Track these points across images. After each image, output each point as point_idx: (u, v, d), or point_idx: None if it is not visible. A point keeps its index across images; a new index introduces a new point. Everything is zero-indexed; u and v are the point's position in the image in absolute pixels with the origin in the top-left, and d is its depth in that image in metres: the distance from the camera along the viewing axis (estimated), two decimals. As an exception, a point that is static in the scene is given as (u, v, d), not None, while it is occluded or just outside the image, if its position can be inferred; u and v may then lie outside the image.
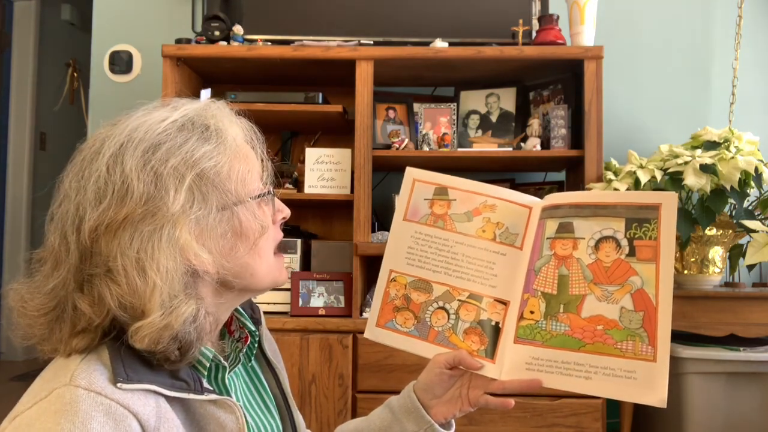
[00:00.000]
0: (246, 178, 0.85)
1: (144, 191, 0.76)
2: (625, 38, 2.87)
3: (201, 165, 0.80)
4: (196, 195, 0.79)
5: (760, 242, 2.06)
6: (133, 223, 0.76)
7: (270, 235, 0.88)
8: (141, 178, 0.77)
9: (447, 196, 1.06)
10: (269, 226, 0.88)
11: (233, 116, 0.90)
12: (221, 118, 0.87)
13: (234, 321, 0.95)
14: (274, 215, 0.90)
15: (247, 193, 0.85)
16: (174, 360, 0.77)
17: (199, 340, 0.79)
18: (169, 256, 0.76)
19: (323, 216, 2.81)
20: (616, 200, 0.96)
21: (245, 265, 0.85)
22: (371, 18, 2.58)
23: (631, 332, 0.90)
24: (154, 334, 0.74)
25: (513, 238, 1.01)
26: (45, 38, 4.87)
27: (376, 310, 1.06)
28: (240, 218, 0.83)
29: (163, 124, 0.82)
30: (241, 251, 0.84)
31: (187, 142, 0.81)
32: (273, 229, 0.90)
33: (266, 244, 0.88)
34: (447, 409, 1.01)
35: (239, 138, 0.88)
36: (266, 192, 0.88)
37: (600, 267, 0.94)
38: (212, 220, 0.80)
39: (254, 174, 0.87)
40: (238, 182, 0.84)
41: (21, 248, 4.70)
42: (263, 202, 0.87)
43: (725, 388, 2.17)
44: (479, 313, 1.00)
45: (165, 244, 0.76)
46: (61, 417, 0.69)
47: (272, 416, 0.97)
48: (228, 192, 0.82)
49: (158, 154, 0.79)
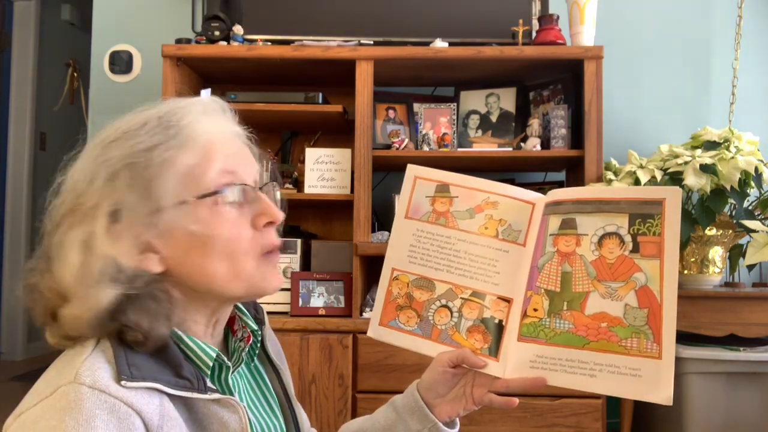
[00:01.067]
0: (197, 175, 0.80)
1: (81, 185, 0.79)
2: (625, 38, 2.88)
3: (135, 159, 0.79)
4: (127, 189, 0.78)
5: (760, 242, 2.07)
6: (68, 215, 0.79)
7: (238, 239, 0.82)
8: (85, 173, 0.80)
9: (449, 193, 1.05)
10: (221, 228, 0.81)
11: (218, 112, 0.87)
12: (195, 113, 0.84)
13: (237, 320, 0.95)
14: (255, 219, 0.84)
15: (193, 193, 0.80)
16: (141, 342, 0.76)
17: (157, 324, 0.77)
18: (78, 250, 0.77)
19: (323, 216, 2.81)
20: (619, 196, 0.95)
21: (200, 268, 0.81)
22: (371, 18, 2.58)
23: (635, 329, 0.89)
24: (75, 321, 0.76)
25: (516, 234, 1.00)
26: (45, 38, 4.87)
27: (378, 309, 1.05)
28: (176, 218, 0.79)
29: (134, 119, 0.83)
30: (195, 253, 0.80)
31: (138, 137, 0.80)
32: (252, 233, 0.84)
33: (229, 248, 0.81)
34: (451, 408, 1.01)
35: (210, 133, 0.83)
36: (213, 192, 0.80)
37: (603, 263, 0.93)
38: (137, 217, 0.78)
39: (212, 171, 0.81)
40: (184, 179, 0.80)
41: (21, 248, 4.70)
42: (224, 204, 0.81)
43: (725, 388, 2.17)
44: (482, 311, 0.99)
45: (80, 236, 0.78)
46: (66, 415, 0.69)
47: (275, 416, 0.96)
48: (169, 189, 0.79)
49: (108, 148, 0.80)
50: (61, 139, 4.97)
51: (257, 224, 0.84)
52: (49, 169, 4.73)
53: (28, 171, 4.75)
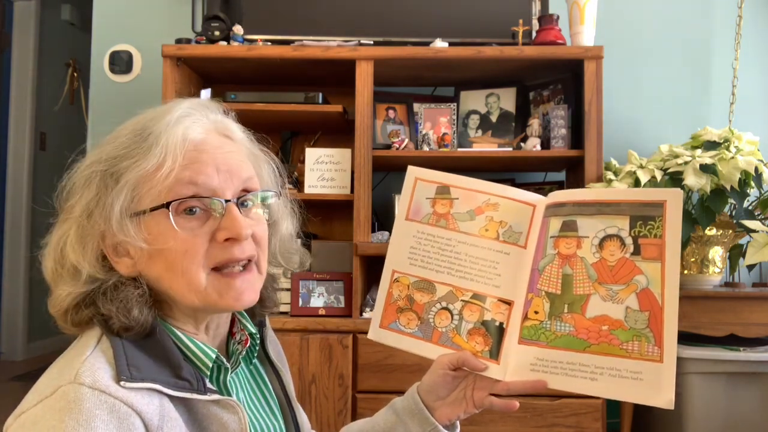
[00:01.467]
0: (153, 186, 0.79)
1: (68, 187, 0.84)
2: (625, 38, 2.87)
3: (106, 165, 0.81)
4: (92, 196, 0.81)
5: (760, 242, 2.07)
6: (59, 214, 0.85)
7: (193, 251, 0.80)
8: (74, 176, 0.84)
9: (449, 195, 1.04)
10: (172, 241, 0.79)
11: (201, 116, 0.85)
12: (173, 116, 0.82)
13: (236, 323, 0.95)
14: (217, 232, 0.81)
15: (147, 204, 0.79)
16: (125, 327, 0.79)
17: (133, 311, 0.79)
18: (51, 250, 0.83)
19: (323, 216, 2.81)
20: (620, 198, 0.94)
21: (158, 278, 0.81)
22: (371, 18, 2.58)
23: (636, 332, 0.89)
24: (51, 311, 0.83)
25: (516, 236, 0.99)
26: (45, 38, 4.86)
27: (379, 311, 1.05)
28: (131, 227, 0.79)
29: (130, 122, 0.85)
30: (153, 263, 0.81)
31: (116, 141, 0.83)
32: (208, 246, 0.81)
33: (181, 259, 0.79)
34: (451, 411, 1.00)
35: (176, 140, 0.80)
36: (165, 204, 0.79)
37: (604, 266, 0.92)
38: (103, 224, 0.80)
39: (168, 182, 0.79)
40: (140, 189, 0.79)
41: (21, 248, 4.69)
42: (180, 216, 0.80)
43: (725, 388, 2.17)
44: (483, 313, 0.98)
45: (56, 237, 0.83)
46: (66, 415, 0.69)
47: (275, 417, 0.96)
48: (122, 199, 0.79)
49: (95, 153, 0.84)
50: (61, 139, 4.97)
51: (217, 238, 0.81)
52: (49, 169, 4.77)
53: (28, 171, 4.74)
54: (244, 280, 0.84)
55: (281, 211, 0.95)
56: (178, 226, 0.79)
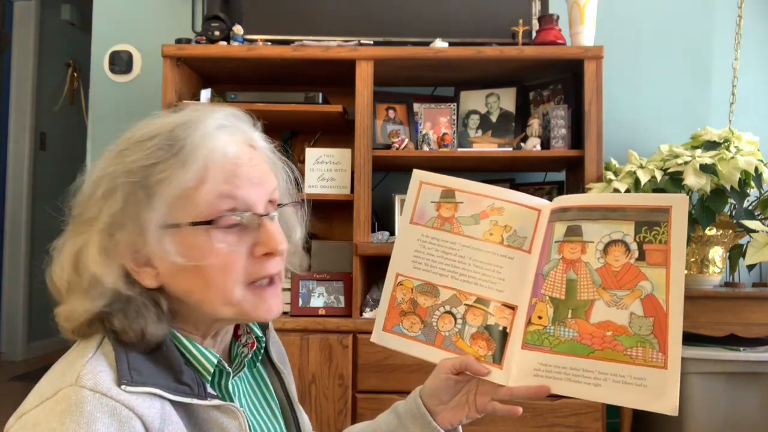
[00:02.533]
0: (192, 199, 0.78)
1: (85, 194, 0.81)
2: (625, 38, 2.87)
3: (133, 177, 0.77)
4: (119, 206, 0.78)
5: (760, 242, 2.07)
6: (72, 222, 0.82)
7: (232, 267, 0.80)
8: (91, 182, 0.81)
9: (454, 199, 1.04)
10: (213, 257, 0.78)
11: (234, 128, 0.84)
12: (203, 128, 0.80)
13: (242, 326, 0.95)
14: (254, 247, 0.81)
15: (186, 217, 0.78)
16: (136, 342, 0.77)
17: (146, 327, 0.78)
18: (67, 259, 0.80)
19: (323, 216, 2.81)
20: (625, 203, 0.93)
21: (188, 291, 0.80)
22: (371, 18, 2.58)
23: (641, 338, 0.88)
24: (61, 323, 0.80)
25: (521, 241, 0.99)
26: (45, 38, 4.85)
27: (382, 314, 1.04)
28: (167, 241, 0.78)
29: (144, 129, 0.81)
30: (185, 276, 0.79)
31: (142, 150, 0.79)
32: (246, 261, 0.81)
33: (221, 275, 0.79)
34: (453, 415, 1.00)
35: (216, 153, 0.79)
36: (207, 221, 0.78)
37: (609, 271, 0.92)
38: (131, 236, 0.78)
39: (210, 196, 0.78)
40: (178, 202, 0.77)
41: (21, 248, 4.69)
42: (219, 230, 0.79)
43: (725, 388, 2.17)
44: (486, 317, 0.98)
45: (70, 246, 0.80)
46: (67, 417, 0.69)
47: (277, 420, 0.96)
48: (157, 211, 0.77)
49: (117, 157, 0.80)
50: (61, 139, 4.97)
51: (255, 253, 0.81)
52: (49, 169, 4.76)
53: (28, 171, 4.73)
54: (273, 293, 0.84)
55: (295, 220, 0.95)
56: (218, 241, 0.78)
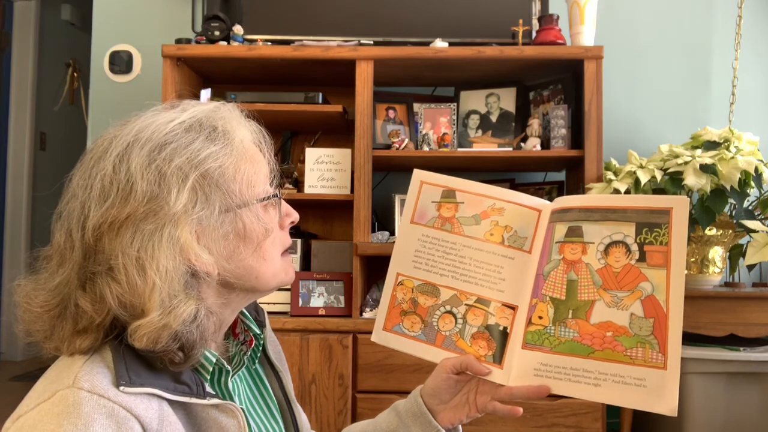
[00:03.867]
0: (252, 181, 0.85)
1: (147, 190, 0.77)
2: (625, 38, 2.87)
3: (205, 165, 0.80)
4: (199, 195, 0.79)
5: (760, 242, 2.07)
6: (135, 222, 0.76)
7: (276, 238, 0.88)
8: (145, 177, 0.77)
9: (455, 199, 1.04)
10: (274, 229, 0.87)
11: (242, 119, 0.90)
12: (230, 120, 0.87)
13: (239, 323, 0.95)
14: (282, 219, 0.90)
15: (253, 196, 0.84)
16: (178, 362, 0.76)
17: (202, 341, 0.78)
18: (168, 256, 0.76)
19: (323, 216, 2.81)
20: (626, 204, 0.94)
21: (249, 267, 0.84)
22: (371, 18, 2.58)
23: (641, 339, 0.88)
24: (152, 334, 0.74)
25: (522, 241, 0.99)
26: (45, 38, 4.85)
27: (383, 313, 1.05)
28: (244, 221, 0.83)
29: (171, 124, 0.82)
30: (245, 254, 0.83)
31: (193, 143, 0.81)
32: (280, 233, 0.90)
33: (272, 247, 0.87)
34: (454, 415, 1.00)
35: (247, 140, 0.87)
36: (272, 195, 0.87)
37: (610, 272, 0.92)
38: (215, 222, 0.80)
39: (261, 177, 0.87)
40: (244, 184, 0.84)
41: (21, 248, 4.69)
42: (269, 206, 0.87)
43: (725, 388, 2.17)
44: (487, 317, 0.98)
45: (165, 243, 0.76)
46: (64, 419, 0.69)
47: (275, 420, 0.96)
48: (232, 194, 0.82)
49: (163, 153, 0.79)
50: (61, 139, 4.97)
51: (283, 225, 0.91)
52: (49, 169, 4.76)
53: (28, 171, 4.73)
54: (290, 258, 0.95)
55: None
56: (272, 215, 0.88)
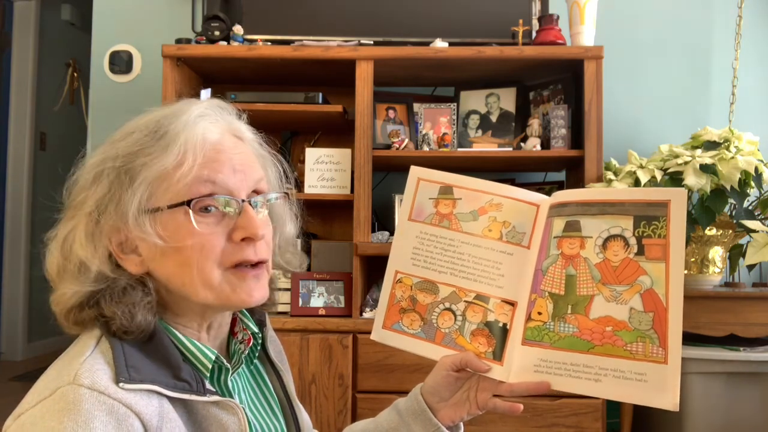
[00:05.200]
0: (173, 183, 0.80)
1: (74, 182, 0.84)
2: (625, 38, 2.87)
3: (118, 163, 0.81)
4: (109, 192, 0.80)
5: (760, 242, 2.07)
6: (66, 210, 0.84)
7: (210, 248, 0.81)
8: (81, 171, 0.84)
9: (452, 195, 1.03)
10: (190, 238, 0.80)
11: (216, 117, 0.86)
12: (189, 115, 0.83)
13: (238, 322, 0.95)
14: (233, 232, 0.82)
15: (166, 201, 0.80)
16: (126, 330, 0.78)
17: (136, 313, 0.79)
18: (57, 246, 0.83)
19: (323, 216, 2.81)
20: (624, 197, 0.93)
21: (171, 274, 0.81)
22: (371, 18, 2.58)
23: (641, 333, 0.88)
24: (53, 309, 0.82)
25: (520, 237, 0.99)
26: (45, 38, 4.86)
27: (382, 311, 1.04)
28: (148, 224, 0.79)
29: (137, 121, 0.85)
30: (168, 259, 0.81)
31: (129, 138, 0.83)
32: (225, 244, 0.82)
33: (196, 256, 0.80)
34: (454, 412, 1.00)
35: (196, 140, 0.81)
36: (183, 202, 0.79)
37: (608, 266, 0.91)
38: (116, 220, 0.80)
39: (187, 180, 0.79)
40: (158, 186, 0.80)
41: (21, 248, 4.70)
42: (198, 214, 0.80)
43: (725, 388, 2.17)
44: (486, 314, 0.98)
45: (61, 233, 0.83)
46: (65, 416, 0.69)
47: (276, 418, 0.96)
48: (139, 195, 0.79)
49: (105, 149, 0.83)
50: (61, 139, 4.97)
51: (233, 237, 0.82)
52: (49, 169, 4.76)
53: (28, 171, 4.74)
54: (256, 277, 0.85)
55: (285, 214, 0.96)
56: (196, 223, 0.80)
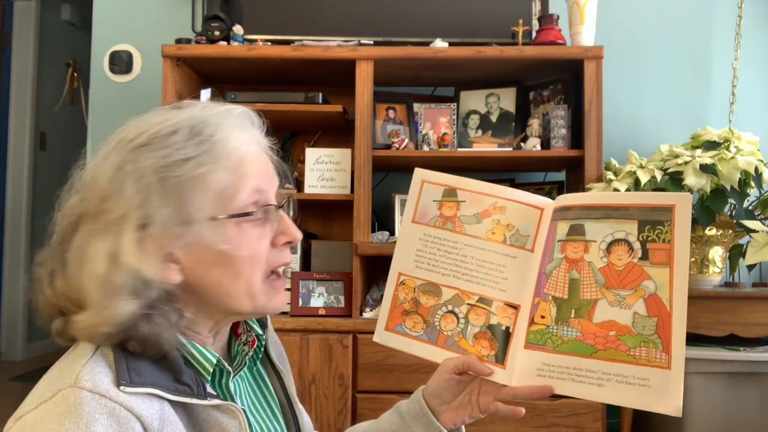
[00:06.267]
0: (228, 193, 0.80)
1: (105, 190, 0.78)
2: (625, 38, 2.87)
3: (171, 171, 0.78)
4: (154, 201, 0.77)
5: (760, 242, 2.07)
6: (88, 219, 0.78)
7: (257, 257, 0.83)
8: (108, 177, 0.78)
9: (456, 198, 1.03)
10: (252, 247, 0.82)
11: (247, 125, 0.87)
12: (228, 126, 0.83)
13: (241, 324, 0.95)
14: (275, 237, 0.85)
15: (223, 210, 0.80)
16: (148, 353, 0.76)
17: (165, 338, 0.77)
18: (103, 259, 0.76)
19: (323, 216, 2.81)
20: (628, 202, 0.93)
21: (216, 283, 0.81)
22: (371, 18, 2.58)
23: (644, 338, 0.88)
24: (88, 329, 0.76)
25: (524, 240, 0.98)
26: (45, 38, 4.86)
27: (385, 313, 1.04)
28: (207, 233, 0.79)
29: (160, 125, 0.81)
30: (214, 269, 0.81)
31: (169, 147, 0.79)
32: (270, 251, 0.84)
33: (249, 265, 0.82)
34: (456, 415, 1.00)
35: (242, 150, 0.83)
36: (245, 213, 0.81)
37: (612, 271, 0.91)
38: (166, 230, 0.78)
39: (243, 189, 0.81)
40: (216, 196, 0.80)
41: (21, 248, 4.70)
42: (246, 222, 0.82)
43: (725, 388, 2.17)
44: (489, 317, 0.98)
45: (106, 245, 0.76)
46: (66, 419, 0.69)
47: (276, 420, 0.96)
48: (195, 204, 0.79)
49: (137, 155, 0.79)
50: (61, 139, 4.97)
51: (276, 243, 0.85)
52: (49, 169, 4.76)
53: (28, 171, 4.74)
54: (283, 286, 0.88)
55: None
56: (249, 233, 0.82)
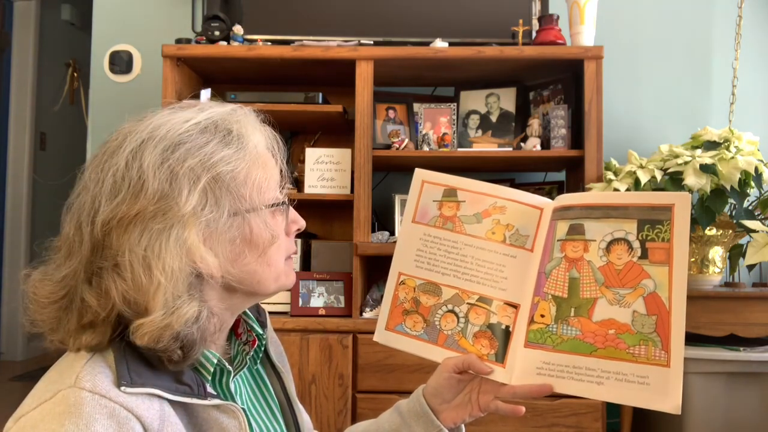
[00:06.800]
0: (262, 186, 0.85)
1: (158, 188, 0.77)
2: (625, 38, 2.87)
3: (218, 168, 0.80)
4: (209, 198, 0.79)
5: (760, 242, 2.07)
6: (144, 220, 0.76)
7: (281, 244, 0.88)
8: (157, 176, 0.77)
9: (456, 198, 1.04)
10: (280, 235, 0.87)
11: (258, 123, 0.90)
12: (245, 124, 0.87)
13: (241, 324, 0.95)
14: (288, 226, 0.90)
15: (262, 201, 0.84)
16: (177, 360, 0.77)
17: (202, 341, 0.79)
18: (174, 256, 0.76)
19: (323, 216, 2.81)
20: (627, 201, 0.93)
21: (252, 272, 0.85)
22: (371, 18, 2.58)
23: (643, 337, 0.88)
24: (155, 333, 0.74)
25: (523, 240, 0.99)
26: (45, 38, 4.86)
27: (385, 313, 1.05)
28: (252, 226, 0.83)
29: (186, 124, 0.82)
30: (249, 258, 0.84)
31: (207, 145, 0.81)
32: (285, 239, 0.90)
33: (276, 253, 0.87)
34: (456, 414, 1.00)
35: (261, 145, 0.87)
36: (281, 202, 0.87)
37: (611, 270, 0.92)
38: (222, 225, 0.80)
39: (271, 182, 0.87)
40: (254, 189, 0.84)
41: (21, 248, 4.70)
42: (277, 212, 0.87)
43: (725, 388, 2.17)
44: (489, 316, 0.98)
45: (173, 243, 0.76)
46: (66, 419, 0.69)
47: (276, 420, 0.96)
48: (242, 198, 0.82)
49: (177, 153, 0.79)
50: (61, 139, 4.97)
51: (289, 231, 0.91)
52: (49, 169, 4.76)
53: (28, 171, 4.74)
54: (292, 263, 0.95)
55: None
56: (278, 221, 0.88)
